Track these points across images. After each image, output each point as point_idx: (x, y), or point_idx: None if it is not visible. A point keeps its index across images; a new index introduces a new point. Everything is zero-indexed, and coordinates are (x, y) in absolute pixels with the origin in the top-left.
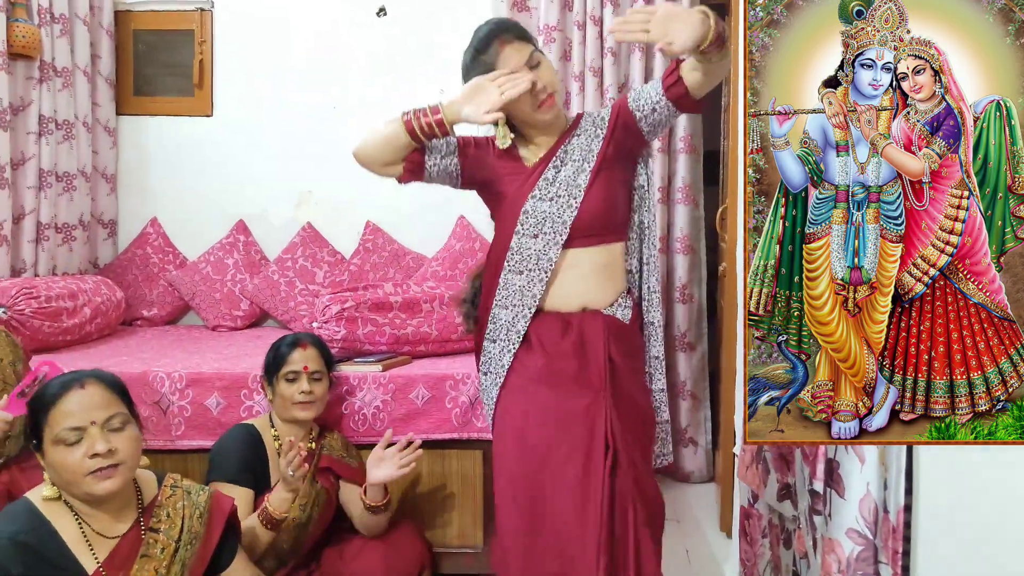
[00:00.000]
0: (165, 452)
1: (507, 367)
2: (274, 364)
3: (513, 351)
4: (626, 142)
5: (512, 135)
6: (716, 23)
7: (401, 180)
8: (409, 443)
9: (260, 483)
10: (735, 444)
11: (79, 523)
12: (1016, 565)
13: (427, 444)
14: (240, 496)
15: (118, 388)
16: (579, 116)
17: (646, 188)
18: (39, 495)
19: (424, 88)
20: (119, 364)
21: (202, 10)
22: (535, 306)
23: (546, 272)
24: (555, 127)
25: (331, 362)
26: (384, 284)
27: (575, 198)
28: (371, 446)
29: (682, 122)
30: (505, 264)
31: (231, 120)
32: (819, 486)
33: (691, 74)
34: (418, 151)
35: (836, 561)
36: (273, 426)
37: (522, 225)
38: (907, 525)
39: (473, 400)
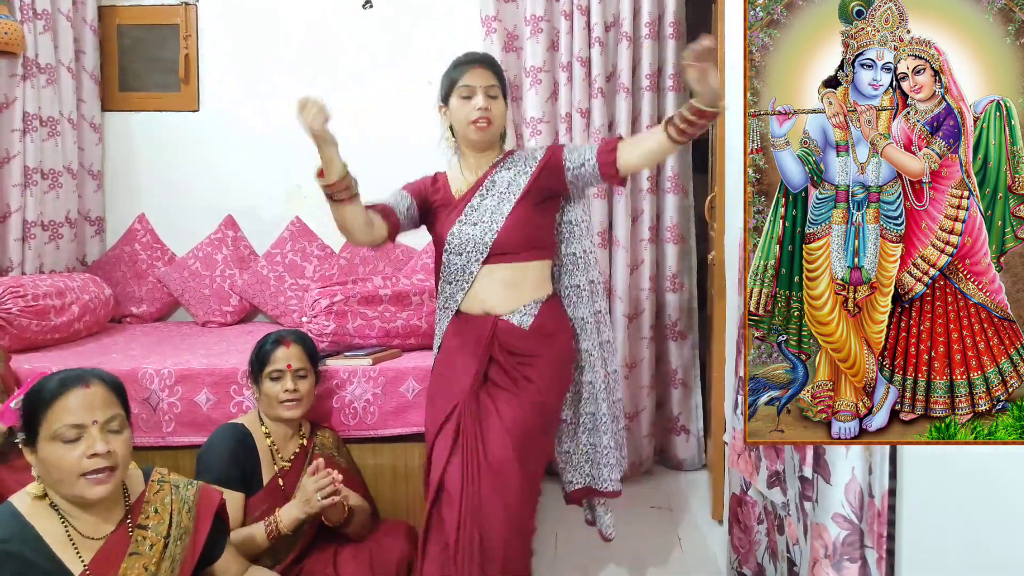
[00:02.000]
0: (155, 449)
1: (435, 357)
2: (258, 363)
3: (438, 344)
4: (549, 184)
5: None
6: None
7: (391, 240)
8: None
9: (251, 483)
10: (725, 431)
11: (64, 525)
12: (999, 546)
13: (418, 437)
14: (230, 499)
15: (118, 390)
16: (510, 152)
17: (576, 224)
18: (23, 497)
19: (412, 80)
20: (108, 362)
21: (187, 4)
22: (456, 309)
23: (467, 283)
24: (488, 155)
25: (317, 357)
26: (373, 277)
27: (496, 223)
28: (362, 440)
29: (670, 111)
30: (440, 276)
31: (218, 115)
32: (808, 472)
33: (630, 155)
34: (395, 216)
35: (823, 546)
36: (263, 423)
37: (449, 244)
38: (891, 509)
39: None
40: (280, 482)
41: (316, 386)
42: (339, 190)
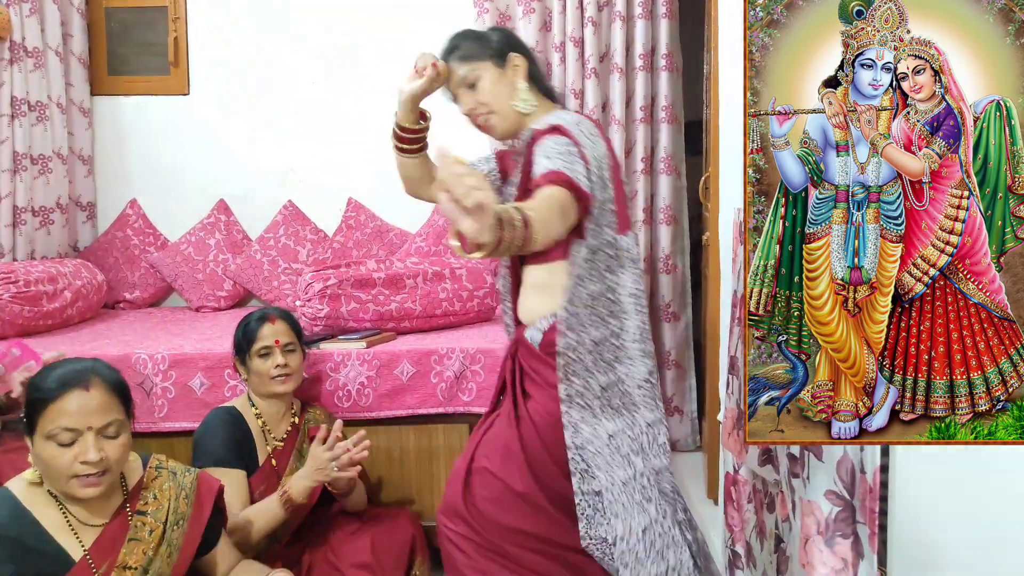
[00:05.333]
0: (149, 435)
1: None
2: (245, 341)
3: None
4: None
5: None
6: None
7: None
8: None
9: (248, 465)
10: (719, 411)
11: (62, 511)
12: (991, 521)
13: (413, 419)
14: (233, 478)
15: (120, 390)
16: (540, 132)
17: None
18: (20, 483)
19: (404, 63)
20: (101, 347)
21: None
22: (511, 314)
23: (507, 291)
24: (523, 140)
25: (301, 333)
26: (367, 261)
27: None
28: (357, 423)
29: (663, 91)
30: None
31: (208, 98)
32: (796, 449)
33: None
34: None
35: (815, 523)
36: (253, 405)
37: None
38: (883, 485)
39: (458, 374)
40: (273, 462)
41: (303, 361)
42: (401, 139)
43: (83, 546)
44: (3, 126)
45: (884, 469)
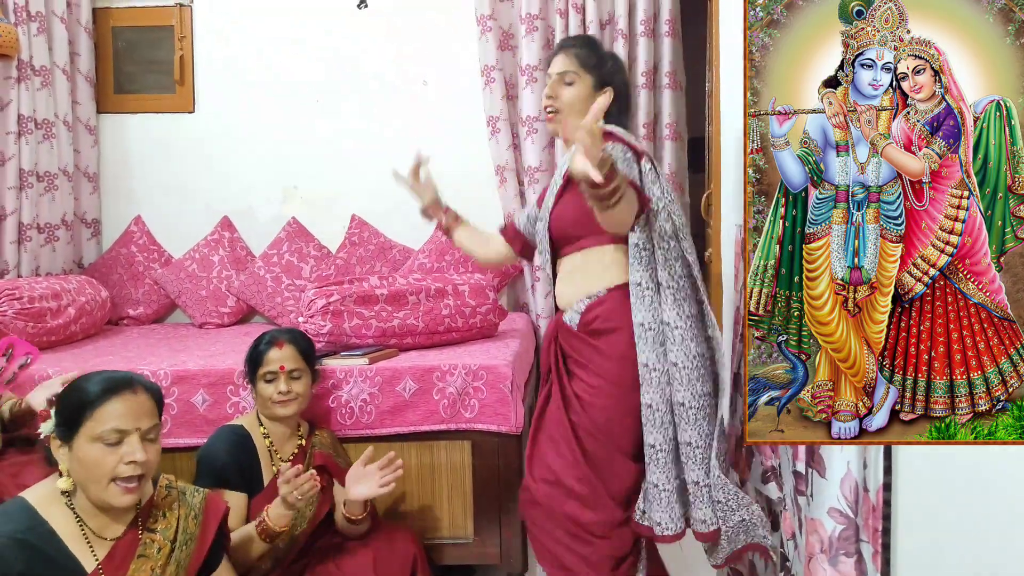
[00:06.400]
0: None
1: None
2: (252, 364)
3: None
4: None
5: None
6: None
7: (519, 254)
8: (391, 461)
9: (252, 484)
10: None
11: (79, 523)
12: (995, 537)
13: (415, 436)
14: (233, 501)
15: (159, 400)
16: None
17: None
18: (38, 491)
19: (408, 79)
20: (104, 364)
21: (181, 5)
22: (554, 302)
23: (549, 278)
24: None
25: (312, 357)
26: (369, 277)
27: (547, 216)
28: (358, 440)
29: (666, 109)
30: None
31: (213, 116)
32: (801, 467)
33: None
34: (511, 229)
35: (819, 540)
36: (262, 424)
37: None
38: (887, 503)
39: (461, 391)
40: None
41: (314, 384)
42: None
43: (96, 558)
44: (10, 144)
45: (887, 487)
